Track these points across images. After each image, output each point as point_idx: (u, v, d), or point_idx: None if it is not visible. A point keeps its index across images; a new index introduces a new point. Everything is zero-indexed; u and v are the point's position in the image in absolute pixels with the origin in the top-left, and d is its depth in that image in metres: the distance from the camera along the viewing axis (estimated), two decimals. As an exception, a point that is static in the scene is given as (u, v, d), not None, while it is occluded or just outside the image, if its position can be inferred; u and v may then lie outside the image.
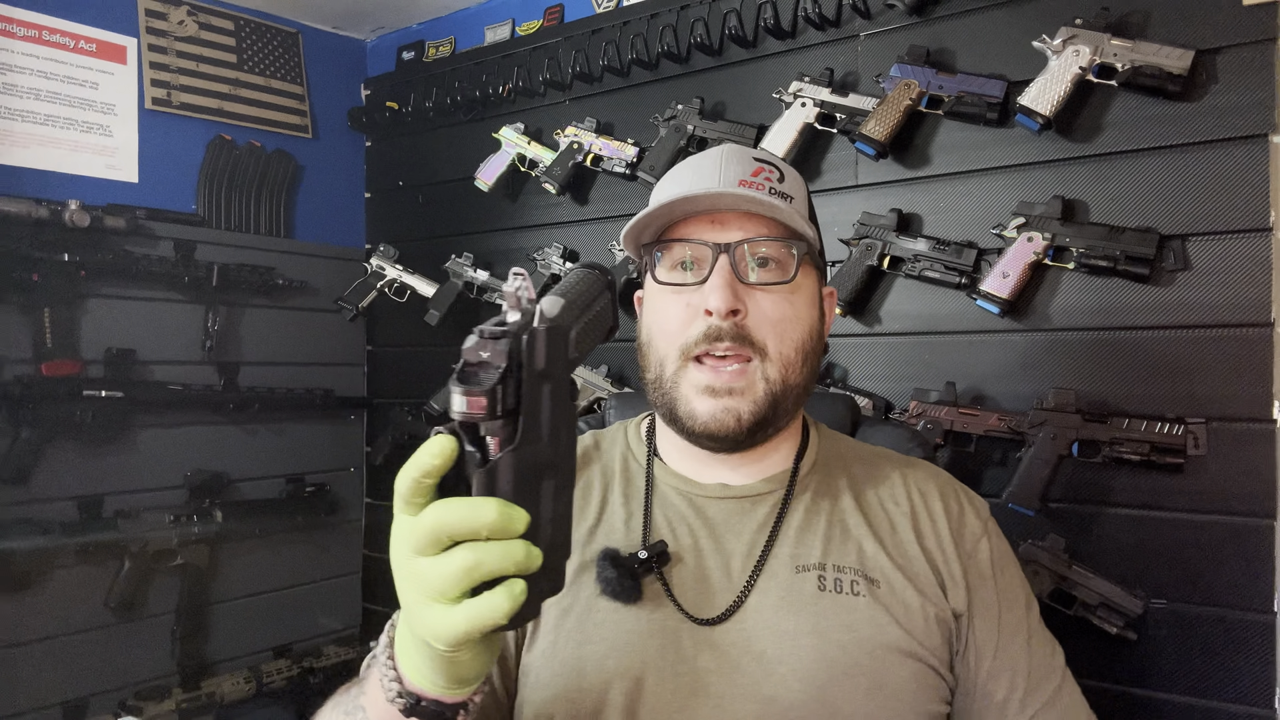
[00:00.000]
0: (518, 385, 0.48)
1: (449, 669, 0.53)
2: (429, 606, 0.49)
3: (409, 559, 0.50)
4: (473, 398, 0.47)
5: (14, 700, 1.80)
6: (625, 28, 1.94)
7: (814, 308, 0.86)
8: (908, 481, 0.89)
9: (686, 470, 0.88)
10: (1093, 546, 1.41)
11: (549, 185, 2.00)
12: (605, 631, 0.78)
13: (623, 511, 0.86)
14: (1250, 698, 1.29)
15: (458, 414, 0.48)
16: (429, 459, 0.49)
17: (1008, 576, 0.86)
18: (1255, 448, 1.30)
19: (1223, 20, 1.33)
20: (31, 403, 1.81)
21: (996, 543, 0.87)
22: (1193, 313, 1.35)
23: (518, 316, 0.49)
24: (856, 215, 1.63)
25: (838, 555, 0.82)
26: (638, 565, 0.79)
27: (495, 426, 0.48)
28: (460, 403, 0.47)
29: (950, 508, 0.87)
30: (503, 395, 0.47)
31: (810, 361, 0.84)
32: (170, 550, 1.99)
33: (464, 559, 0.47)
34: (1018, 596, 0.86)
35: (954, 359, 1.56)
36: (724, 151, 0.86)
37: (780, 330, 0.81)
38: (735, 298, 0.79)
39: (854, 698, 0.75)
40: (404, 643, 0.56)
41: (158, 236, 2.03)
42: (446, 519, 0.48)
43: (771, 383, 0.80)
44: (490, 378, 0.47)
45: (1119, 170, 1.42)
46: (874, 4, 1.64)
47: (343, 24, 2.48)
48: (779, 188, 0.83)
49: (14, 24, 1.89)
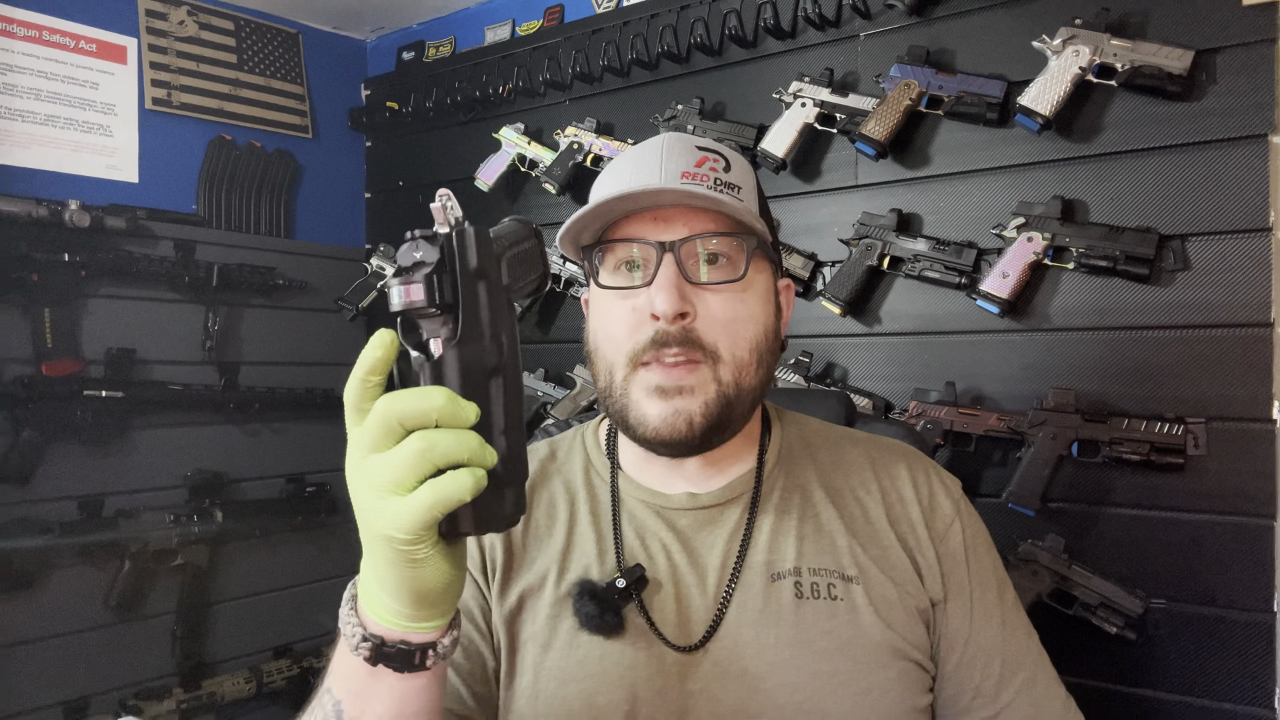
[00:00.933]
0: (454, 281, 0.49)
1: (411, 582, 0.52)
2: (386, 499, 0.49)
3: (363, 461, 0.50)
4: (410, 285, 0.48)
5: (14, 700, 1.80)
6: (625, 28, 1.94)
7: (768, 304, 0.81)
8: (875, 465, 0.86)
9: (650, 481, 0.85)
10: (1093, 546, 1.41)
11: (549, 185, 2.00)
12: (590, 668, 0.75)
13: (592, 533, 0.83)
14: (1250, 698, 1.29)
15: (396, 306, 0.49)
16: (371, 352, 0.49)
17: (980, 559, 0.84)
18: (1255, 448, 1.30)
19: (1223, 20, 1.33)
20: (32, 403, 1.81)
21: (969, 523, 0.85)
22: (1193, 313, 1.35)
23: (446, 229, 0.50)
24: (856, 215, 1.63)
25: (813, 557, 0.79)
26: (616, 596, 0.76)
27: (435, 325, 0.49)
28: (398, 294, 0.49)
29: (920, 490, 0.84)
30: (439, 285, 0.48)
31: (766, 361, 0.80)
32: (170, 550, 1.99)
33: (418, 442, 0.48)
34: (989, 580, 0.83)
35: (954, 359, 1.56)
36: (665, 142, 0.80)
37: (732, 331, 0.76)
38: (682, 300, 0.74)
39: (842, 703, 0.74)
40: (365, 581, 0.55)
41: (158, 236, 2.03)
42: (396, 404, 0.48)
43: (724, 385, 0.76)
44: (425, 270, 0.49)
45: (1119, 170, 1.42)
46: (874, 4, 1.64)
47: (343, 24, 2.48)
48: (725, 178, 0.77)
49: (14, 24, 1.89)
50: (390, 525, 0.49)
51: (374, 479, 0.49)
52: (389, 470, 0.48)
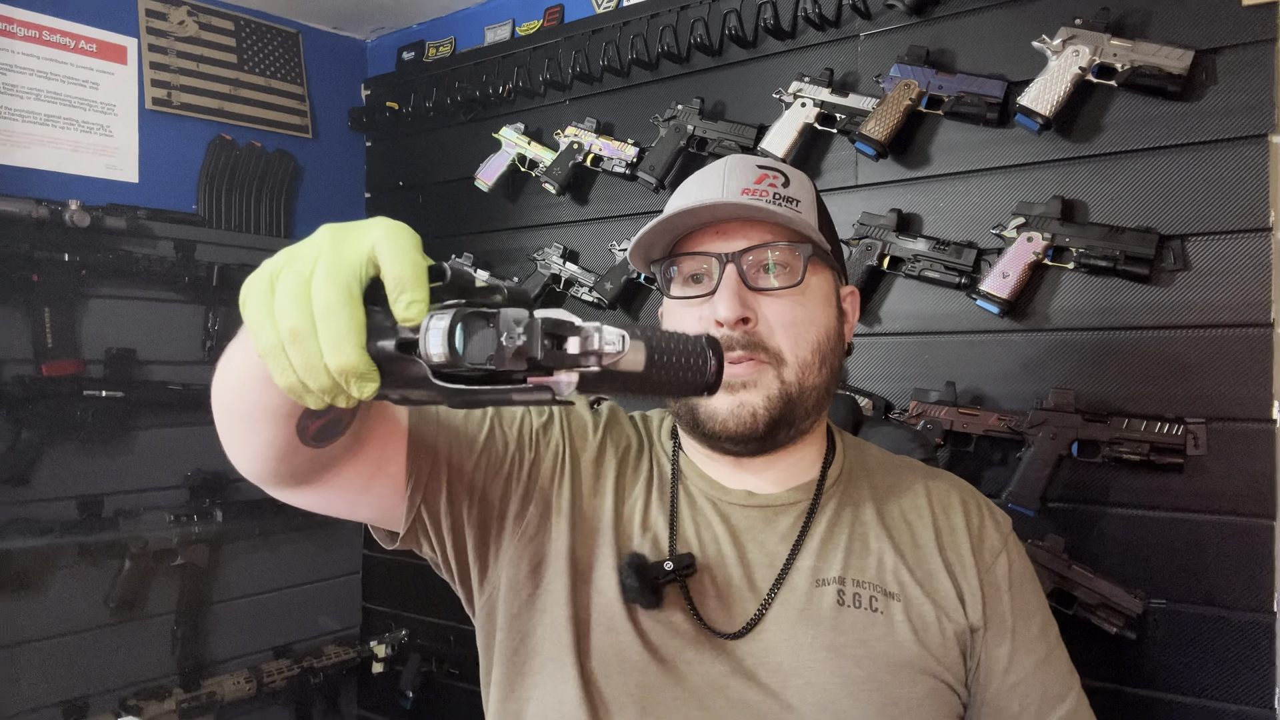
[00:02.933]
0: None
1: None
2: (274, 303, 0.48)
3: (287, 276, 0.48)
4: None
5: (14, 700, 1.80)
6: (625, 28, 1.94)
7: (828, 308, 0.86)
8: (930, 493, 0.89)
9: (713, 473, 0.88)
10: (1093, 546, 1.41)
11: (549, 185, 2.00)
12: (623, 632, 0.79)
13: (643, 503, 0.86)
14: (1250, 698, 1.29)
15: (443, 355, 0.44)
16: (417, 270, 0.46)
17: (1025, 593, 0.86)
18: (1255, 448, 1.30)
19: (1223, 20, 1.33)
20: (31, 403, 1.81)
21: (1016, 558, 0.87)
22: (1193, 313, 1.35)
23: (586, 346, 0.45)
24: (856, 215, 1.63)
25: (857, 569, 0.82)
26: (661, 578, 0.79)
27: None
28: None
29: (971, 521, 0.87)
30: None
31: (829, 363, 0.84)
32: (170, 550, 1.99)
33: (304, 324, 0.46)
34: (1034, 614, 0.85)
35: (954, 359, 1.56)
36: (728, 163, 0.87)
37: (794, 333, 0.81)
38: (743, 305, 0.79)
39: (867, 713, 0.75)
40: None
41: (158, 236, 2.03)
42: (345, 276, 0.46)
43: (787, 384, 0.80)
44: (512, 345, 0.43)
45: (1119, 170, 1.42)
46: (874, 4, 1.64)
47: (343, 24, 2.48)
48: (784, 193, 0.83)
49: (14, 24, 1.89)
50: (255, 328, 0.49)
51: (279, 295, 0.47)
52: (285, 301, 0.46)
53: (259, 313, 0.48)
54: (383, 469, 0.76)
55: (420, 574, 2.34)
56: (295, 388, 0.47)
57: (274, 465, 0.66)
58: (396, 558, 2.40)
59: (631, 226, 1.97)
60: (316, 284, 0.46)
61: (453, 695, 2.26)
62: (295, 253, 0.49)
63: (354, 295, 0.45)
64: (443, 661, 2.25)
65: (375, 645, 2.34)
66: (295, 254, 0.48)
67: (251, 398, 0.60)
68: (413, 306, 0.45)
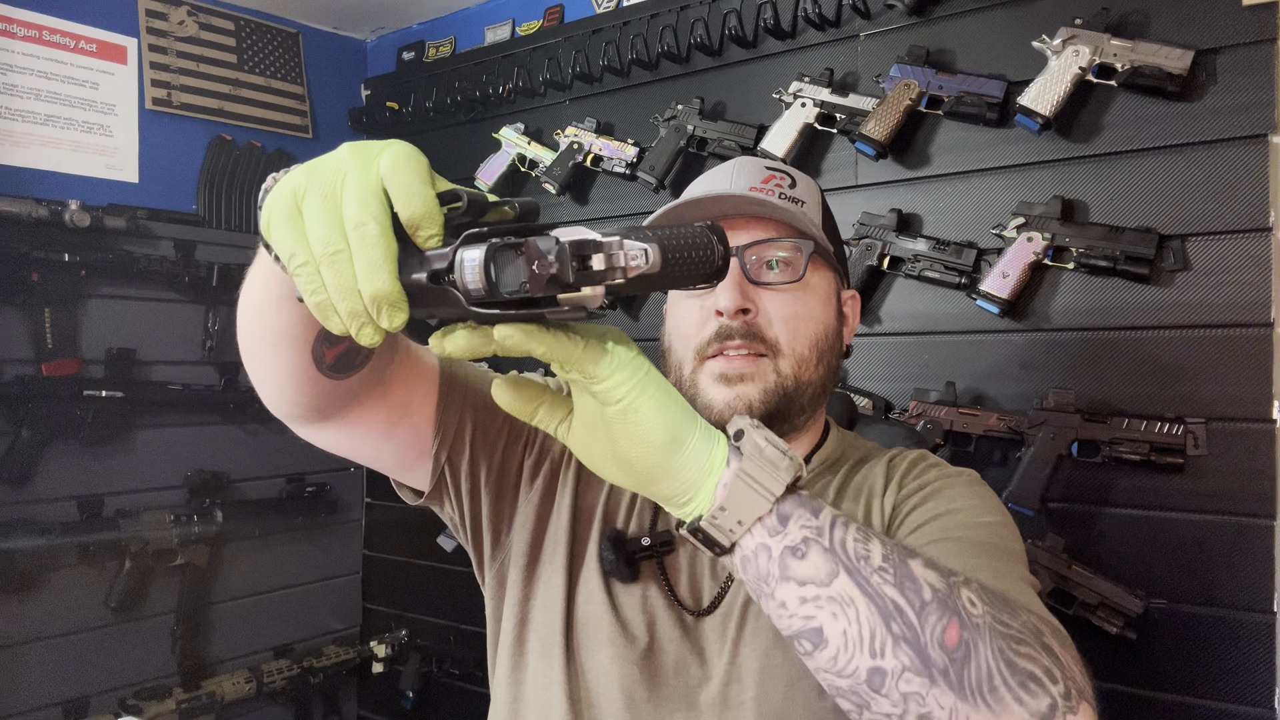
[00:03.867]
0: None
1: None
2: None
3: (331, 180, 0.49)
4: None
5: (14, 700, 1.80)
6: (625, 28, 1.94)
7: (828, 306, 0.87)
8: (890, 464, 0.89)
9: None
10: (1093, 546, 1.41)
11: (549, 185, 2.00)
12: (598, 604, 0.81)
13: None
14: (1250, 698, 1.29)
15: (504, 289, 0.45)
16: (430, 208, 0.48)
17: (947, 495, 0.80)
18: (1255, 448, 1.30)
19: (1223, 20, 1.33)
20: (31, 403, 1.81)
21: (954, 480, 0.83)
22: (1193, 313, 1.35)
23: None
24: (856, 215, 1.63)
25: None
26: (638, 552, 0.82)
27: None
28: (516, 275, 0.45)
29: (916, 465, 0.86)
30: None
31: (826, 361, 0.85)
32: (170, 550, 1.99)
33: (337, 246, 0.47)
34: (955, 513, 0.78)
35: (954, 359, 1.56)
36: (737, 163, 0.89)
37: (792, 327, 0.83)
38: (744, 297, 0.81)
39: (806, 671, 0.75)
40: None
41: (158, 236, 2.03)
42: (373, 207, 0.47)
43: (784, 377, 0.82)
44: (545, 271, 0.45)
45: (1119, 170, 1.42)
46: (874, 4, 1.64)
47: (343, 24, 2.48)
48: (790, 193, 0.85)
49: (14, 24, 1.89)
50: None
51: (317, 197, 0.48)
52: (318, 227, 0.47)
53: (288, 231, 0.48)
54: (407, 415, 0.78)
55: (420, 574, 2.35)
56: (325, 306, 0.48)
57: (294, 394, 0.69)
58: (396, 558, 2.40)
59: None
60: (349, 208, 0.47)
61: (453, 695, 2.26)
62: (319, 172, 0.49)
63: (385, 223, 0.47)
64: (443, 661, 2.25)
65: (375, 645, 2.34)
66: (319, 173, 0.49)
67: (268, 321, 0.62)
68: (430, 240, 0.47)
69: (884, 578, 0.54)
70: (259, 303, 0.63)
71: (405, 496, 0.87)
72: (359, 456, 0.80)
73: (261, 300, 0.62)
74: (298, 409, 0.71)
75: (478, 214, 0.50)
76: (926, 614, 0.54)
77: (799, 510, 0.55)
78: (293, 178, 0.50)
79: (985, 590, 0.58)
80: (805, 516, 0.55)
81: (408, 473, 0.84)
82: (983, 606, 0.56)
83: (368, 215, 0.46)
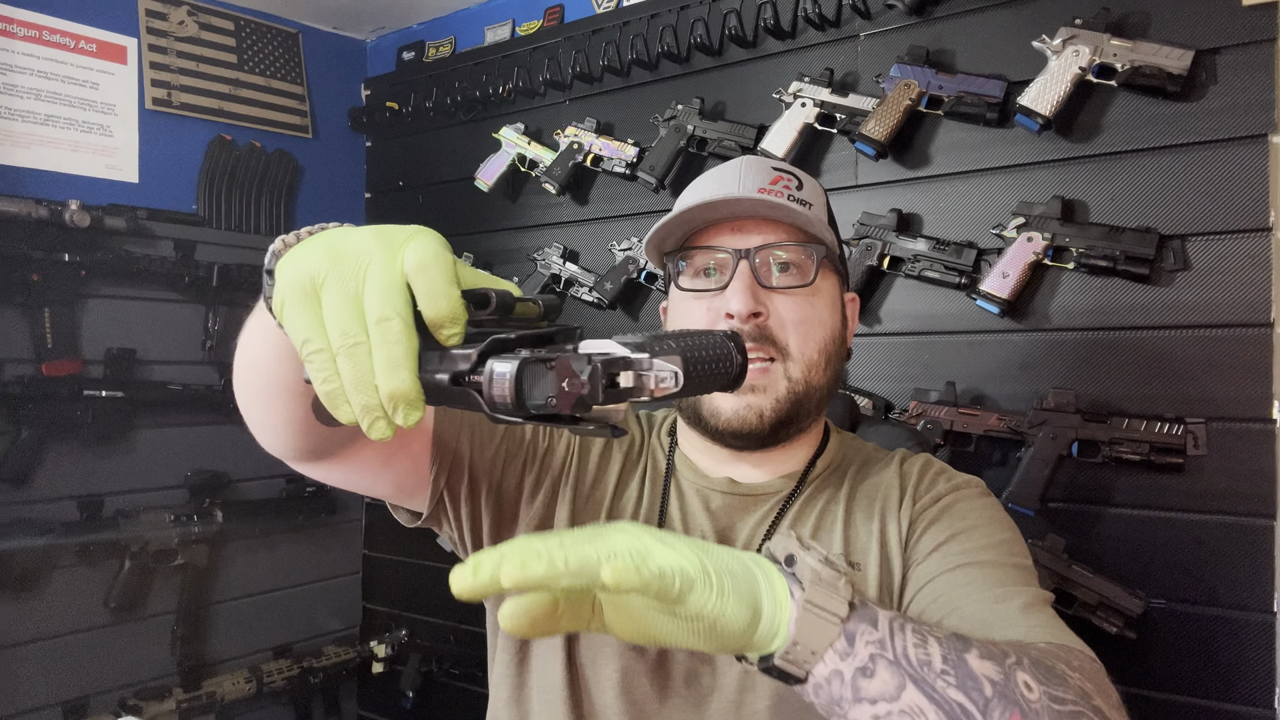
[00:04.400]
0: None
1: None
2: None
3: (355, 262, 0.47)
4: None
5: (14, 700, 1.80)
6: (625, 28, 1.94)
7: (835, 311, 0.88)
8: (901, 467, 0.90)
9: (700, 462, 0.90)
10: (1093, 546, 1.41)
11: (549, 185, 2.00)
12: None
13: (637, 495, 0.89)
14: (1250, 698, 1.29)
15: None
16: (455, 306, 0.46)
17: (962, 513, 0.81)
18: (1255, 448, 1.30)
19: (1223, 20, 1.33)
20: (31, 403, 1.81)
21: (964, 493, 0.84)
22: (1193, 313, 1.35)
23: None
24: (856, 215, 1.63)
25: (824, 544, 0.84)
26: None
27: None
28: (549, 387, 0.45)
29: (926, 475, 0.88)
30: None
31: (833, 364, 0.86)
32: (170, 550, 1.99)
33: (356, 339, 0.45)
34: (967, 531, 0.79)
35: (954, 359, 1.56)
36: (744, 162, 0.89)
37: (802, 331, 0.83)
38: (756, 300, 0.81)
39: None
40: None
41: (158, 236, 2.03)
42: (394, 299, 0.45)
43: (794, 382, 0.82)
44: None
45: (1119, 170, 1.42)
46: (874, 4, 1.64)
47: (343, 24, 2.48)
48: (797, 195, 0.85)
49: (14, 24, 1.89)
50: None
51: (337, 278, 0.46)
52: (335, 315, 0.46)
53: (305, 317, 0.46)
54: (405, 446, 0.78)
55: (420, 574, 2.35)
56: (336, 395, 0.46)
57: (292, 441, 0.68)
58: (396, 558, 2.40)
59: (631, 226, 1.97)
60: (371, 300, 0.45)
61: (453, 695, 2.26)
62: (341, 259, 0.46)
63: (409, 319, 0.45)
64: (443, 661, 2.25)
65: (375, 645, 2.34)
66: (341, 260, 0.46)
67: (267, 374, 0.61)
68: (452, 339, 0.46)
69: (947, 681, 0.55)
70: (258, 356, 0.62)
71: (401, 519, 0.86)
72: (356, 487, 0.80)
73: (260, 355, 0.61)
74: (296, 453, 0.71)
75: (504, 313, 0.48)
76: (990, 711, 0.54)
77: (862, 626, 0.54)
78: (310, 259, 0.47)
79: (1036, 666, 0.59)
80: (868, 631, 0.54)
81: (406, 499, 0.83)
82: (1039, 689, 0.57)
83: (391, 310, 0.45)
